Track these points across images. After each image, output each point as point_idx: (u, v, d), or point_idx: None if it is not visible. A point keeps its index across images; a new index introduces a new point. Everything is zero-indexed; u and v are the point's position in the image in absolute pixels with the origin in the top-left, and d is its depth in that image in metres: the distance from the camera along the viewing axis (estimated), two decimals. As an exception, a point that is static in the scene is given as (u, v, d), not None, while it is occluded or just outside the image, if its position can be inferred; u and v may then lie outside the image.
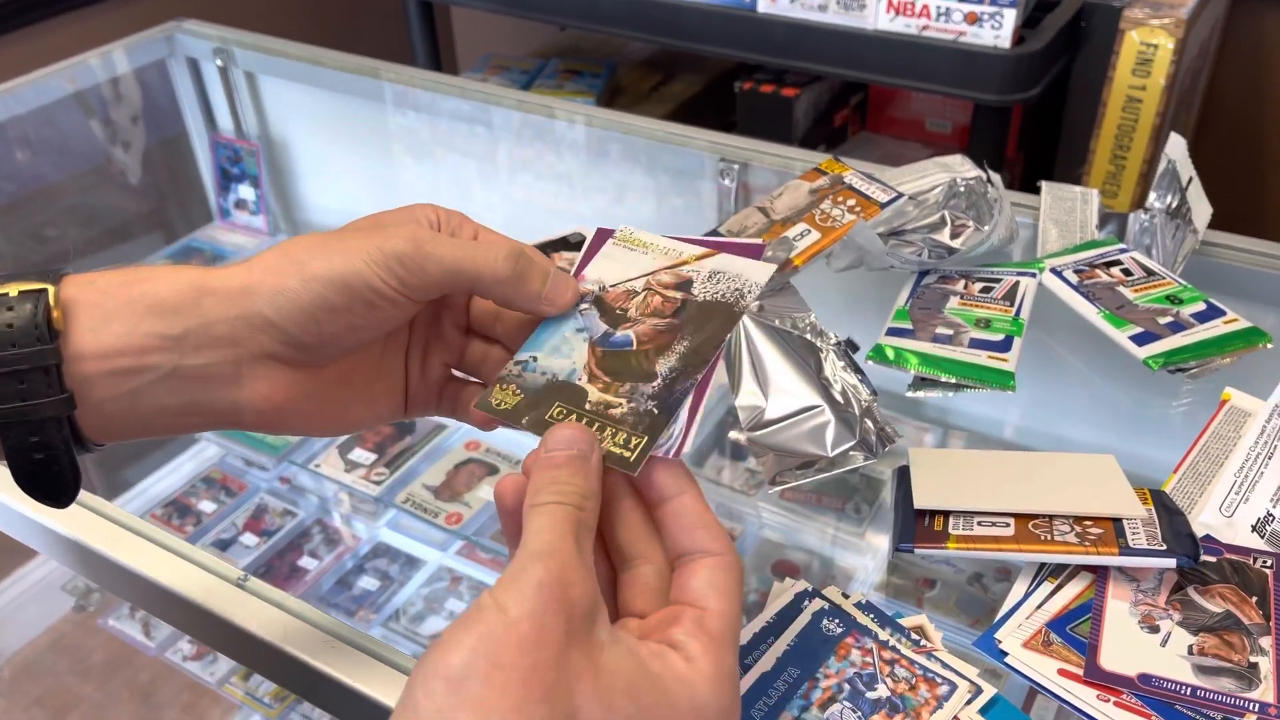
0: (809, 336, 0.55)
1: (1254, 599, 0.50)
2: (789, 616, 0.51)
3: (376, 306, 0.43)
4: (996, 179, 0.77)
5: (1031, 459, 0.59)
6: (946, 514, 0.55)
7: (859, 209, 0.74)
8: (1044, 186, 0.83)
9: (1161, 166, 0.79)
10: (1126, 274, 0.72)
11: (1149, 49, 1.18)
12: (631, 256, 0.50)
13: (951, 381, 0.65)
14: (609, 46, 1.82)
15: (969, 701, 0.47)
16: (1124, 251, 0.75)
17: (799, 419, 0.59)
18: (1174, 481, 0.58)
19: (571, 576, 0.36)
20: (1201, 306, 0.69)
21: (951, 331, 0.68)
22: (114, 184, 1.34)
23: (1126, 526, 0.52)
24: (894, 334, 0.68)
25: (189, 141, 1.36)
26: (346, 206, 1.32)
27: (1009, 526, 0.53)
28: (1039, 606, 0.51)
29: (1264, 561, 0.52)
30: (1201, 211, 0.76)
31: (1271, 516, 0.55)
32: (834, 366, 0.62)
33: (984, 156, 0.83)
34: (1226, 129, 1.58)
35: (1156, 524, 0.52)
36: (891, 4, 1.20)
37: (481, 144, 1.15)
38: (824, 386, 0.61)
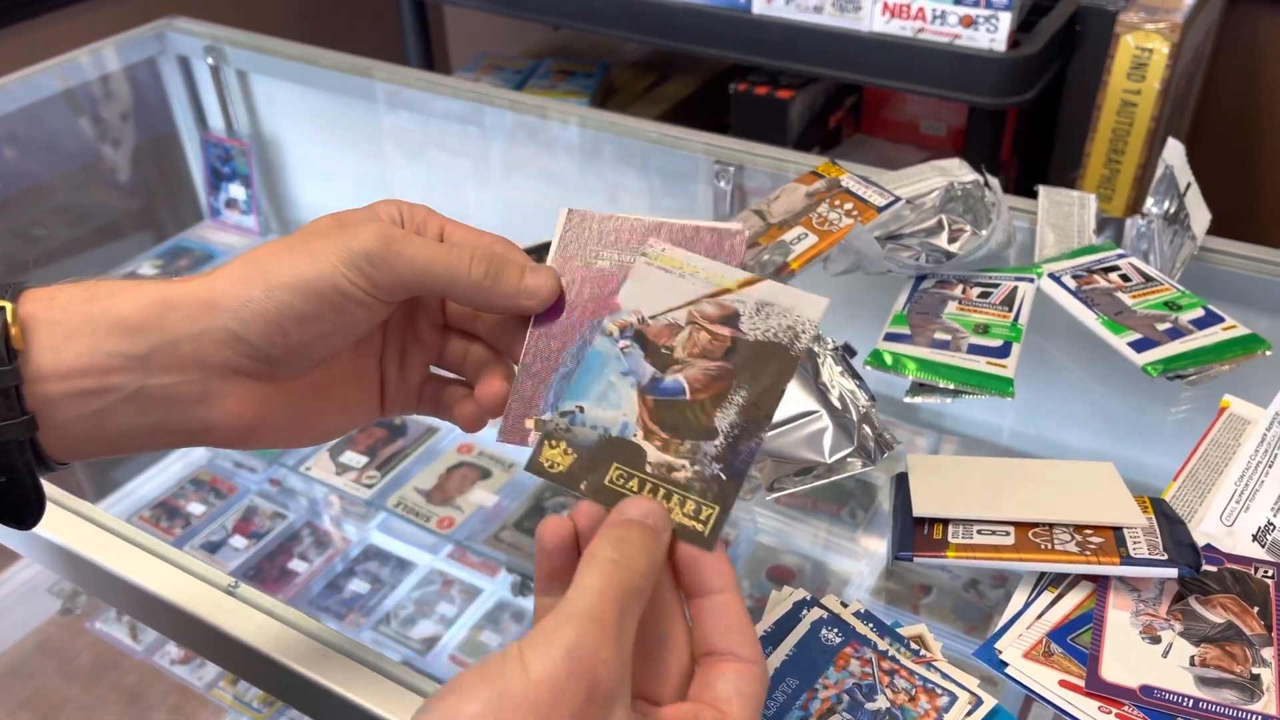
0: (808, 342, 0.55)
1: (1255, 609, 0.50)
2: (787, 626, 0.50)
3: (344, 310, 0.42)
4: (994, 183, 0.77)
5: (1031, 466, 0.59)
6: (946, 522, 0.54)
7: (856, 213, 0.74)
8: (1041, 191, 0.83)
9: (1159, 172, 0.78)
10: (1125, 280, 0.72)
11: (1144, 53, 1.18)
12: (668, 281, 0.46)
13: (950, 387, 0.64)
14: (603, 47, 1.81)
15: (969, 713, 0.46)
16: (1122, 257, 0.74)
17: (797, 424, 0.59)
18: (1174, 490, 0.58)
19: (604, 653, 0.34)
20: (1200, 313, 0.68)
21: (950, 337, 0.67)
22: (104, 182, 1.33)
23: (1127, 535, 0.52)
24: (892, 339, 0.68)
25: (179, 140, 1.35)
26: (338, 206, 1.29)
27: (1009, 535, 0.53)
28: (1039, 616, 0.51)
29: (1265, 571, 0.52)
30: (1200, 217, 0.76)
31: (1272, 526, 0.55)
32: (831, 372, 0.61)
33: (979, 159, 0.82)
34: (1221, 133, 1.58)
35: (1157, 533, 0.52)
36: (887, 6, 1.20)
37: (474, 144, 1.14)
38: (822, 392, 0.60)
